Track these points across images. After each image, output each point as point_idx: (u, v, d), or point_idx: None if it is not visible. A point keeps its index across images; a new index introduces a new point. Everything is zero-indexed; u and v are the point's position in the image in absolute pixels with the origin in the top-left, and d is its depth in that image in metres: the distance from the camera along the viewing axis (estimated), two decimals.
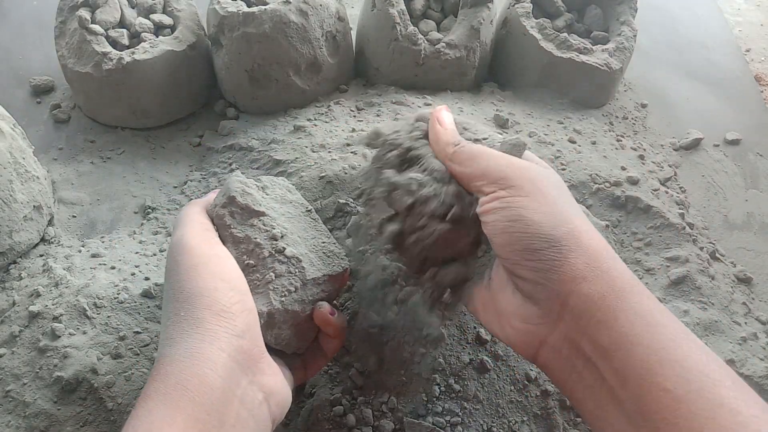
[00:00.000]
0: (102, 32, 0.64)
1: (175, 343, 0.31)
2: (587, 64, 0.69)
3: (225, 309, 0.32)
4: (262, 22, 0.61)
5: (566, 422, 0.44)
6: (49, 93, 0.72)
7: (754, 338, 0.53)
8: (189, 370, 0.30)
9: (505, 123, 0.64)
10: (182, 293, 0.33)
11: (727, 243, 0.65)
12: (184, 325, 0.31)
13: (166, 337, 0.32)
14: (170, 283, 0.34)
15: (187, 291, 0.33)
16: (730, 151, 0.75)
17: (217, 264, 0.35)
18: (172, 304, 0.33)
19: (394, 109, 0.64)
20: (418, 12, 0.70)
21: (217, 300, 0.32)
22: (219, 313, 0.32)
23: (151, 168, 0.65)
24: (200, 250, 0.35)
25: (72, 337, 0.45)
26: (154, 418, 0.28)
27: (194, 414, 0.28)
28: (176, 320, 0.32)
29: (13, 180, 0.51)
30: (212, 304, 0.32)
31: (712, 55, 0.89)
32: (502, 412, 0.44)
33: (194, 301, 0.32)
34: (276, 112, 0.67)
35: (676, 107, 0.80)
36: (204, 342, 0.31)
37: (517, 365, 0.45)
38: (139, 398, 0.30)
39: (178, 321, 0.32)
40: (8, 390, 0.43)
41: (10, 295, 0.49)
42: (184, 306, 0.32)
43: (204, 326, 0.31)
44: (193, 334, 0.31)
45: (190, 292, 0.32)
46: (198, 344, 0.31)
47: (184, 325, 0.31)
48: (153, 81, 0.64)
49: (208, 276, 0.33)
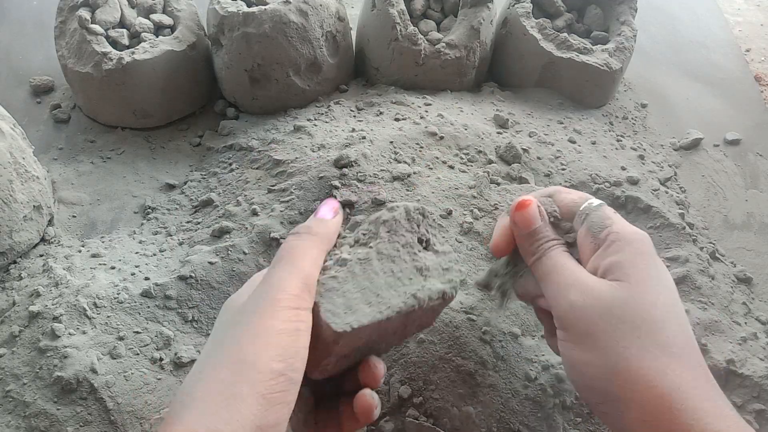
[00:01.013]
0: (102, 32, 0.64)
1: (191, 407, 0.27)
2: (587, 64, 0.69)
3: (265, 395, 0.27)
4: (262, 22, 0.61)
5: (566, 422, 0.44)
6: (49, 93, 0.72)
7: (754, 338, 0.53)
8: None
9: (505, 123, 0.64)
10: (239, 352, 0.28)
11: (727, 243, 0.64)
12: (217, 390, 0.27)
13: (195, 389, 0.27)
14: (232, 326, 0.30)
15: (245, 353, 0.28)
16: (730, 151, 0.75)
17: (292, 340, 0.29)
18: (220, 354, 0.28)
19: (394, 109, 0.64)
20: (418, 12, 0.70)
21: (268, 389, 0.27)
22: (260, 405, 0.27)
23: (151, 168, 0.65)
24: (286, 313, 0.29)
25: (72, 337, 0.45)
26: None
27: None
28: (212, 378, 0.27)
29: (13, 180, 0.51)
30: (259, 386, 0.27)
31: (712, 55, 0.89)
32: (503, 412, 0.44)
33: (242, 373, 0.27)
34: (276, 112, 0.67)
35: (676, 107, 0.80)
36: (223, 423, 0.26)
37: (518, 365, 0.45)
38: None
39: (214, 381, 0.27)
40: (8, 390, 0.43)
41: (10, 295, 0.49)
42: (232, 369, 0.27)
43: (235, 407, 0.26)
44: (220, 411, 0.26)
45: (244, 358, 0.28)
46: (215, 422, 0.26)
47: (217, 390, 0.27)
48: (153, 81, 0.64)
49: (271, 349, 0.28)
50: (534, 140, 0.63)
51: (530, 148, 0.61)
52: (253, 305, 0.29)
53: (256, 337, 0.28)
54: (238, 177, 0.59)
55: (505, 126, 0.64)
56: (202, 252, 0.50)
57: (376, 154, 0.56)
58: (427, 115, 0.63)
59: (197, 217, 0.58)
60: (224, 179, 0.60)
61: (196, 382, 0.28)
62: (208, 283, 0.48)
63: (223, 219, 0.54)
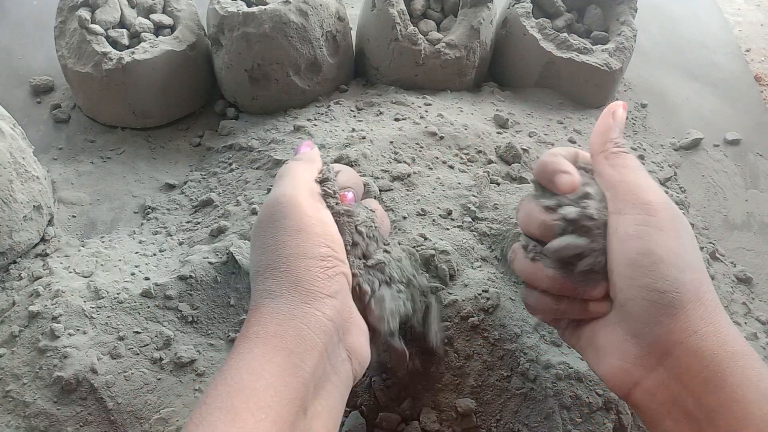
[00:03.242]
0: (102, 32, 0.64)
1: (275, 296, 0.33)
2: (587, 64, 0.69)
3: (324, 272, 0.34)
4: (262, 22, 0.61)
5: (566, 422, 0.44)
6: (49, 93, 0.72)
7: (754, 338, 0.53)
8: (288, 324, 0.32)
9: (505, 123, 0.64)
10: (286, 249, 0.34)
11: (727, 243, 0.65)
12: (284, 281, 0.33)
13: (264, 289, 0.33)
14: (272, 234, 0.35)
15: (291, 248, 0.34)
16: (730, 151, 0.75)
17: (322, 227, 0.35)
18: (272, 257, 0.34)
19: (394, 109, 0.64)
20: (418, 12, 0.70)
21: (319, 263, 0.34)
22: (318, 275, 0.33)
23: (151, 168, 0.65)
24: (309, 210, 0.35)
25: (72, 337, 0.45)
26: (255, 355, 0.31)
27: (290, 359, 0.31)
28: (276, 274, 0.33)
29: (13, 180, 0.51)
30: (313, 266, 0.33)
31: (712, 55, 0.89)
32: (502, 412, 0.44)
33: (296, 261, 0.33)
34: (276, 112, 0.67)
35: (676, 107, 0.80)
36: (303, 303, 0.32)
37: (518, 364, 0.45)
38: (238, 339, 0.32)
39: (279, 276, 0.33)
40: (8, 390, 0.43)
41: (10, 295, 0.49)
42: (285, 262, 0.33)
43: (303, 286, 0.33)
44: (293, 291, 0.33)
45: (293, 250, 0.34)
46: (297, 304, 0.32)
47: (284, 281, 0.33)
48: (153, 81, 0.64)
49: (313, 237, 0.34)
50: (534, 140, 0.63)
51: (530, 148, 0.61)
52: (279, 212, 0.35)
53: (296, 233, 0.34)
54: (238, 177, 0.59)
55: (505, 126, 0.64)
56: (201, 252, 0.50)
57: (376, 154, 0.56)
58: (427, 115, 0.63)
59: (197, 217, 0.58)
60: (224, 179, 0.60)
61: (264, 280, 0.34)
62: (208, 283, 0.48)
63: (223, 219, 0.54)
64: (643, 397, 0.33)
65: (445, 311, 0.46)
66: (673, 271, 0.32)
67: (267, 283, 0.34)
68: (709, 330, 0.31)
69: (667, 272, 0.32)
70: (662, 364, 0.32)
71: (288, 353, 0.31)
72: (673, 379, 0.31)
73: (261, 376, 0.30)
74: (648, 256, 0.32)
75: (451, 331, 0.45)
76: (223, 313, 0.48)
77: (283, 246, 0.34)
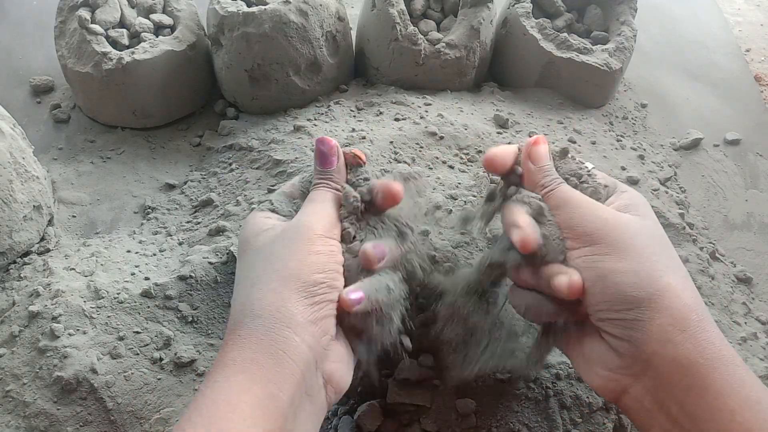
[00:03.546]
0: (102, 32, 0.64)
1: (256, 315, 0.33)
2: (587, 64, 0.69)
3: (312, 298, 0.34)
4: (262, 22, 0.61)
5: (566, 422, 0.44)
6: (49, 93, 0.72)
7: (754, 338, 0.53)
8: (266, 351, 0.31)
9: (505, 123, 0.64)
10: (282, 265, 0.34)
11: (727, 243, 0.64)
12: (269, 299, 0.33)
13: (250, 301, 0.33)
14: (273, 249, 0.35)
15: (288, 268, 0.34)
16: (730, 151, 0.75)
17: (328, 258, 0.35)
18: (267, 272, 0.34)
19: (394, 109, 0.64)
20: (418, 12, 0.70)
21: (309, 289, 0.34)
22: (305, 300, 0.33)
23: (151, 168, 0.65)
24: (320, 240, 0.36)
25: (71, 337, 0.45)
26: (232, 384, 0.30)
27: (267, 389, 0.30)
28: (265, 290, 0.33)
29: (13, 180, 0.51)
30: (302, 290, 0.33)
31: (712, 55, 0.89)
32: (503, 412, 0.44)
33: (288, 281, 0.34)
34: (276, 112, 0.67)
35: (676, 107, 0.80)
36: (284, 327, 0.32)
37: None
38: (215, 363, 0.32)
39: (267, 292, 0.33)
40: (8, 390, 0.43)
41: (9, 295, 0.49)
42: (278, 279, 0.34)
43: (288, 308, 0.33)
44: (275, 313, 0.32)
45: (288, 271, 0.34)
46: (278, 328, 0.32)
47: (269, 299, 0.33)
48: (153, 81, 0.64)
49: (313, 265, 0.34)
50: None
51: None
52: (292, 235, 0.36)
53: (300, 257, 0.34)
54: (238, 177, 0.59)
55: (505, 126, 0.64)
56: (201, 252, 0.50)
57: (376, 154, 0.56)
58: (427, 115, 0.63)
59: (197, 217, 0.58)
60: (224, 179, 0.60)
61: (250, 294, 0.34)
62: (208, 283, 0.48)
63: (222, 219, 0.54)
64: (632, 404, 0.33)
65: None
66: (628, 289, 0.33)
67: (251, 298, 0.33)
68: (683, 337, 0.31)
69: (623, 292, 0.33)
70: (646, 373, 0.32)
71: (266, 382, 0.30)
72: (657, 387, 0.32)
73: (237, 407, 0.29)
74: (600, 282, 0.33)
75: None
76: (223, 313, 0.48)
77: (280, 261, 0.34)
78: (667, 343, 0.31)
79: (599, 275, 0.34)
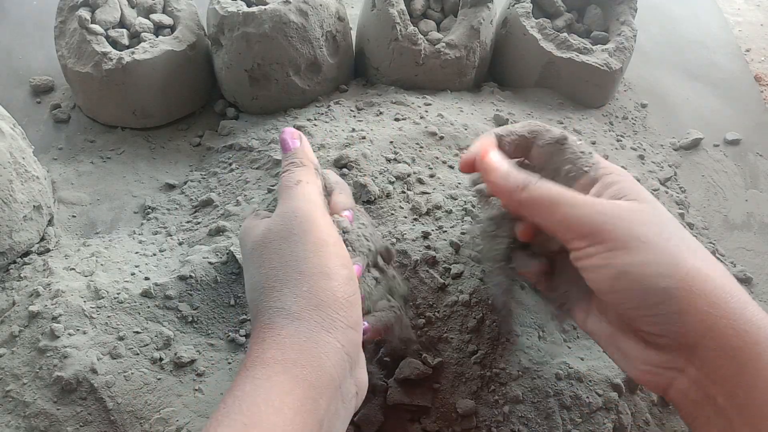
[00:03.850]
0: (102, 32, 0.64)
1: (295, 318, 0.31)
2: (587, 64, 0.69)
3: (346, 297, 0.32)
4: (262, 22, 0.61)
5: (566, 422, 0.44)
6: (49, 93, 0.72)
7: None
8: (309, 353, 0.30)
9: (505, 123, 0.64)
10: (307, 265, 0.32)
11: (727, 243, 0.64)
12: (304, 302, 0.31)
13: (280, 307, 0.32)
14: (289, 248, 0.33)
15: (313, 266, 0.32)
16: (730, 151, 0.75)
17: (341, 248, 0.34)
18: (291, 272, 0.32)
19: (394, 109, 0.64)
20: (418, 12, 0.70)
21: (340, 287, 0.32)
22: (340, 301, 0.32)
23: (151, 168, 0.65)
24: (328, 229, 0.34)
25: (71, 337, 0.45)
26: (274, 384, 0.29)
27: (309, 393, 0.29)
28: (296, 293, 0.32)
29: (13, 180, 0.51)
30: (336, 290, 0.32)
31: (712, 55, 0.89)
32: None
33: (319, 281, 0.32)
34: (276, 112, 0.67)
35: (676, 107, 0.80)
36: (324, 331, 0.31)
37: (518, 365, 0.45)
38: (252, 359, 0.30)
39: (300, 295, 0.32)
40: (8, 390, 0.43)
41: (9, 295, 0.49)
42: (308, 281, 0.32)
43: (326, 312, 0.31)
44: (314, 315, 0.31)
45: (315, 269, 0.32)
46: (318, 330, 0.31)
47: (304, 302, 0.31)
48: (153, 81, 0.64)
49: (334, 258, 0.33)
50: None
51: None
52: (297, 226, 0.34)
53: (317, 249, 0.33)
54: (238, 177, 0.59)
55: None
56: (201, 252, 0.50)
57: (376, 153, 0.56)
58: (427, 115, 0.63)
59: (197, 217, 0.58)
60: (224, 179, 0.60)
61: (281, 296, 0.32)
62: (208, 283, 0.48)
63: (222, 219, 0.54)
64: (678, 396, 0.32)
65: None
66: (655, 281, 0.31)
67: (284, 300, 0.32)
68: (722, 324, 0.29)
69: (650, 285, 0.31)
70: (691, 364, 0.31)
71: (308, 386, 0.29)
72: (703, 377, 0.30)
73: (281, 410, 0.28)
74: (623, 280, 0.31)
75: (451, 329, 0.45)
76: (223, 313, 0.48)
77: (304, 262, 0.32)
78: (708, 331, 0.30)
79: (619, 272, 0.31)
